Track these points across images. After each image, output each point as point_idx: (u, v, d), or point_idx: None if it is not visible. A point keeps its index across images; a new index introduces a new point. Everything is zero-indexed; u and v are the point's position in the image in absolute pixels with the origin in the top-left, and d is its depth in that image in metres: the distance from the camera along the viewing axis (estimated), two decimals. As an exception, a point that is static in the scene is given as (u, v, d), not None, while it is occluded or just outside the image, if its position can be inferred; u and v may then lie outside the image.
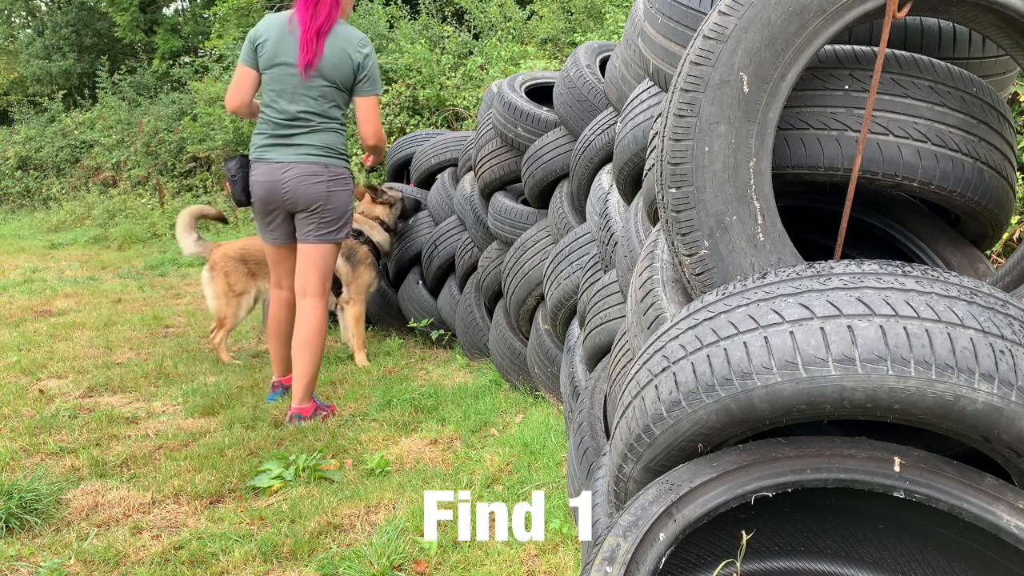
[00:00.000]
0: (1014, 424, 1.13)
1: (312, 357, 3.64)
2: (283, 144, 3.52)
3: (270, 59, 3.50)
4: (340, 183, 3.61)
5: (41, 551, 2.48)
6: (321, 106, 3.53)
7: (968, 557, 1.25)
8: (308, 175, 3.53)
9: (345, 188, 3.64)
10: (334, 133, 3.60)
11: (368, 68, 3.54)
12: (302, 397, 3.63)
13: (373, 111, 3.62)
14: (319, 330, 3.66)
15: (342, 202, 3.63)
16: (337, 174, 3.59)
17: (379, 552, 2.37)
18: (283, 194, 3.54)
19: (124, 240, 9.89)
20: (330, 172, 3.57)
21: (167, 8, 17.35)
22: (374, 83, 3.58)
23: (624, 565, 1.12)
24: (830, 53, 1.59)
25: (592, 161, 3.29)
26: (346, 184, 3.64)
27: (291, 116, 3.51)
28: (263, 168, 3.55)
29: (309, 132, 3.54)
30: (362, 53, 3.51)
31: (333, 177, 3.58)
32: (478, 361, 4.52)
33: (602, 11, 8.85)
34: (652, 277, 1.79)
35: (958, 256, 1.69)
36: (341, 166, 3.62)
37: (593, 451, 2.28)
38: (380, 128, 3.63)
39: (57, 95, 14.89)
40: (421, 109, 9.77)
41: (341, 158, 3.62)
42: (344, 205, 3.65)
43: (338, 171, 3.60)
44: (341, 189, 3.62)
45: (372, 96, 3.60)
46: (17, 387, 4.14)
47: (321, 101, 3.52)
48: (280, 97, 3.51)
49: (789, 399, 1.19)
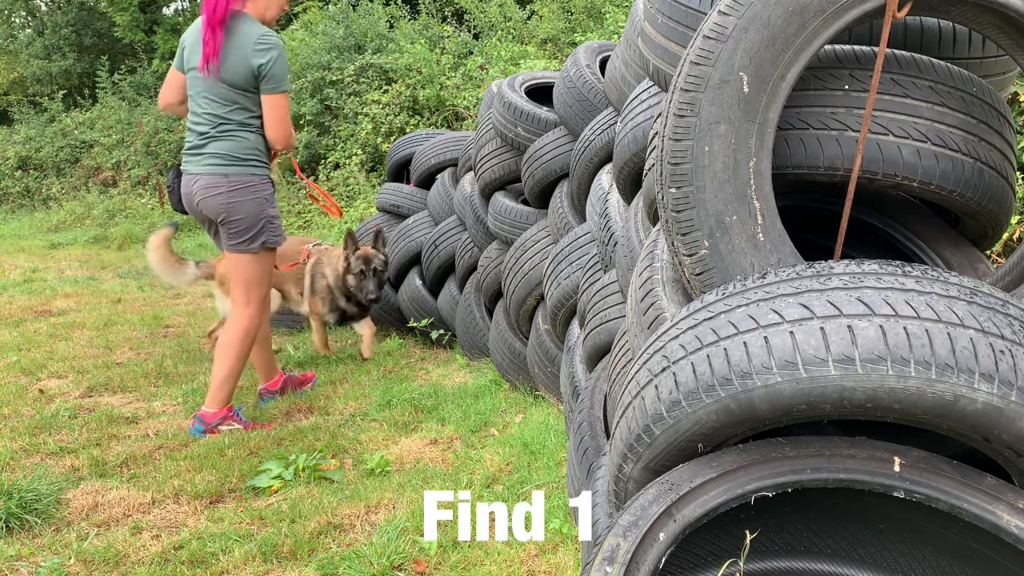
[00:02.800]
0: (1014, 424, 1.13)
1: (225, 363, 3.50)
2: (194, 154, 3.45)
3: (187, 63, 3.45)
4: (244, 192, 3.41)
5: (41, 551, 2.48)
6: (222, 109, 3.38)
7: (968, 557, 1.25)
8: (209, 187, 3.41)
9: (253, 196, 3.42)
10: (236, 139, 3.40)
11: (268, 68, 3.31)
12: (209, 401, 3.52)
13: (276, 111, 3.38)
14: (237, 339, 3.51)
15: (249, 211, 3.42)
16: (240, 183, 3.40)
17: (379, 552, 2.36)
18: (197, 206, 3.47)
19: (124, 240, 9.89)
20: (230, 182, 3.39)
21: (167, 8, 17.35)
22: (276, 80, 3.34)
23: (624, 565, 1.12)
24: (830, 53, 1.59)
25: (592, 161, 3.29)
26: (254, 192, 3.43)
27: (199, 121, 3.43)
28: (183, 180, 3.51)
29: (211, 140, 3.41)
30: (259, 52, 3.29)
31: (234, 187, 3.40)
32: (478, 361, 4.52)
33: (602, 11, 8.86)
34: (652, 277, 1.79)
35: (958, 256, 1.69)
36: (246, 173, 3.42)
37: (593, 451, 2.28)
38: (285, 129, 3.41)
39: (57, 95, 14.88)
40: (421, 109, 9.77)
41: (246, 164, 3.42)
42: (253, 214, 3.42)
43: (241, 179, 3.41)
44: (246, 198, 3.41)
45: (275, 95, 3.36)
46: (17, 387, 4.14)
47: (222, 104, 3.37)
48: (193, 102, 3.44)
49: (789, 399, 1.19)
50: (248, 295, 3.53)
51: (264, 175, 3.48)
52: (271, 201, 3.51)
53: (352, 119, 10.44)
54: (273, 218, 3.52)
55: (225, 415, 3.51)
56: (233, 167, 3.40)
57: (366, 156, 10.00)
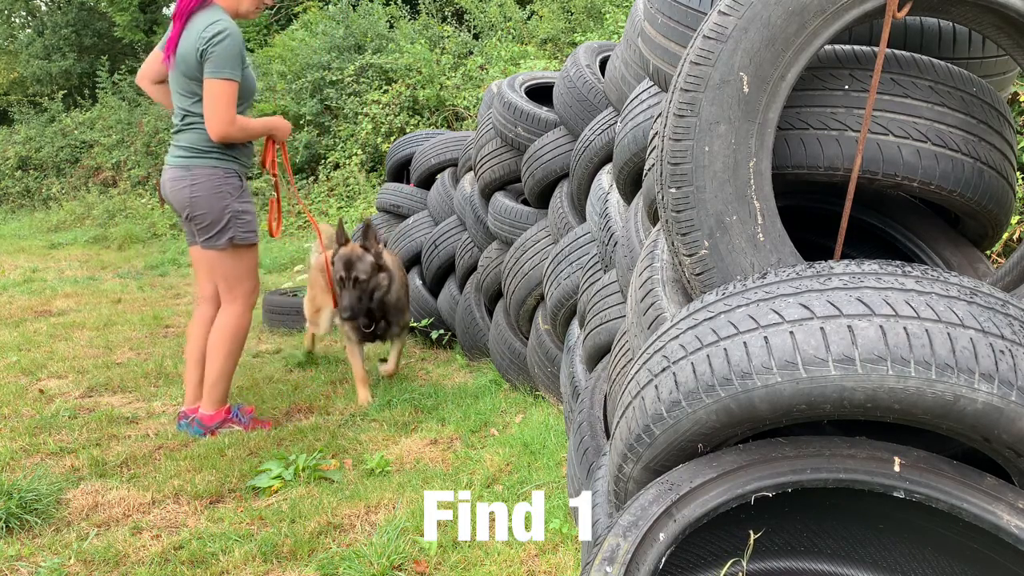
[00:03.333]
0: (1014, 424, 1.13)
1: (215, 364, 3.42)
2: (170, 146, 3.42)
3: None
4: (206, 185, 3.29)
5: (41, 551, 2.48)
6: (185, 102, 3.30)
7: (968, 557, 1.25)
8: (174, 180, 3.33)
9: (215, 191, 3.29)
10: (198, 131, 3.28)
11: (209, 52, 3.13)
12: (206, 402, 3.45)
13: (210, 97, 3.17)
14: (224, 338, 3.42)
15: (212, 205, 3.29)
16: (201, 176, 3.29)
17: (379, 552, 2.36)
18: (168, 199, 3.42)
19: (124, 240, 9.90)
20: (192, 175, 3.29)
21: (167, 8, 17.33)
22: (216, 65, 3.13)
23: (624, 565, 1.12)
24: (830, 53, 1.59)
25: (592, 161, 3.29)
26: (217, 186, 3.29)
27: (174, 113, 3.39)
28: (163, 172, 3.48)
29: (178, 132, 3.36)
30: (204, 37, 3.14)
31: (197, 180, 3.29)
32: (478, 361, 4.52)
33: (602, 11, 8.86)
34: (652, 277, 1.79)
35: (958, 256, 1.69)
36: (208, 166, 3.29)
37: (593, 451, 2.28)
38: (218, 118, 3.17)
39: (57, 95, 14.90)
40: (421, 109, 9.78)
41: (207, 157, 3.29)
42: (216, 208, 3.29)
43: (203, 172, 3.29)
44: (208, 192, 3.29)
45: (212, 80, 3.15)
46: (17, 387, 4.14)
47: (186, 96, 3.29)
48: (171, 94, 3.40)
49: (789, 399, 1.19)
50: (231, 292, 3.43)
51: (229, 168, 3.33)
52: (237, 195, 3.35)
53: (352, 119, 10.45)
54: (241, 213, 3.35)
55: (224, 418, 3.48)
56: (195, 159, 3.30)
57: (366, 156, 10.01)
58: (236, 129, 3.23)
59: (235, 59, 3.17)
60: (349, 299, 3.72)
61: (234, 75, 3.17)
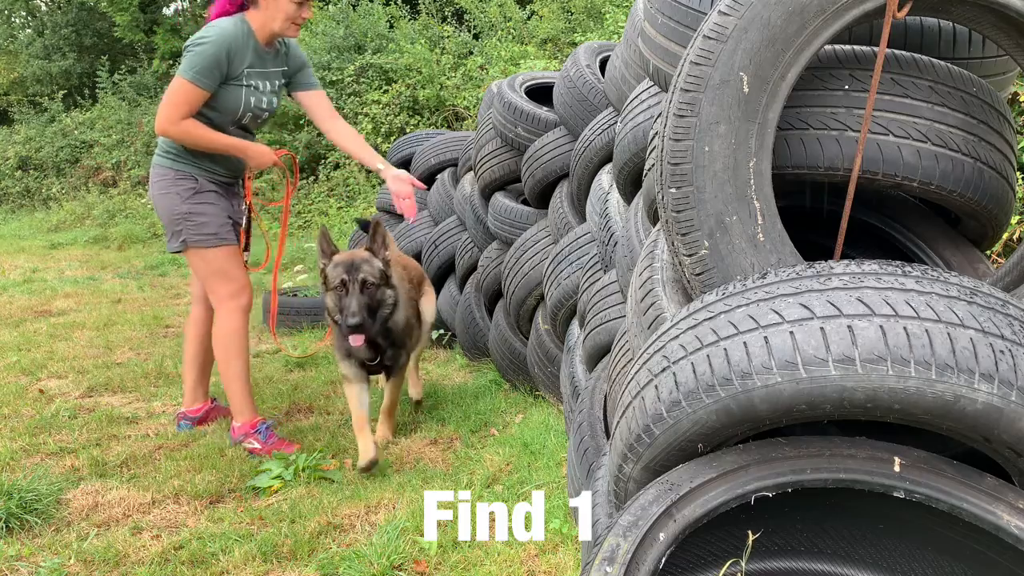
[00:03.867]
0: (1014, 424, 1.13)
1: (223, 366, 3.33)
2: None
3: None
4: (159, 185, 3.25)
5: (41, 551, 2.48)
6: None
7: (968, 557, 1.25)
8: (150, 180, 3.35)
9: (165, 191, 3.22)
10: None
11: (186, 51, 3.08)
12: (233, 412, 3.39)
13: (166, 93, 3.11)
14: (216, 343, 3.34)
15: (164, 206, 3.24)
16: (158, 175, 3.25)
17: (379, 552, 2.36)
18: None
19: (124, 240, 9.89)
20: (154, 174, 3.28)
21: (167, 8, 17.33)
22: (183, 64, 3.06)
23: (624, 565, 1.12)
24: (830, 53, 1.59)
25: (592, 161, 3.29)
26: (167, 187, 3.22)
27: None
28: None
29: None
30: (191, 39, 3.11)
31: (153, 179, 3.28)
32: (478, 361, 4.52)
33: (602, 11, 8.85)
34: (652, 277, 1.79)
35: (958, 256, 1.69)
36: (163, 166, 3.24)
37: (593, 451, 2.28)
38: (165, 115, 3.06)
39: (57, 95, 14.89)
40: (421, 109, 9.78)
41: (166, 157, 3.23)
42: (167, 209, 3.23)
43: (158, 172, 3.25)
44: (159, 192, 3.24)
45: (176, 77, 3.09)
46: (17, 387, 4.14)
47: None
48: None
49: (789, 399, 1.19)
50: (212, 296, 3.34)
51: (183, 171, 3.21)
52: (187, 197, 3.21)
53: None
54: (192, 215, 3.21)
55: (247, 432, 3.31)
56: (157, 158, 3.28)
57: (366, 156, 9.99)
58: (178, 131, 3.07)
59: (205, 65, 3.02)
60: (358, 303, 2.95)
61: (195, 77, 3.02)
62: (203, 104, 3.11)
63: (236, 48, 3.09)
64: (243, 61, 3.14)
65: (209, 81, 3.06)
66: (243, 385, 3.35)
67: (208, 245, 3.25)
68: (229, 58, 3.08)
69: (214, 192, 3.28)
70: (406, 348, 3.38)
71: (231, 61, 3.09)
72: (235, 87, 3.16)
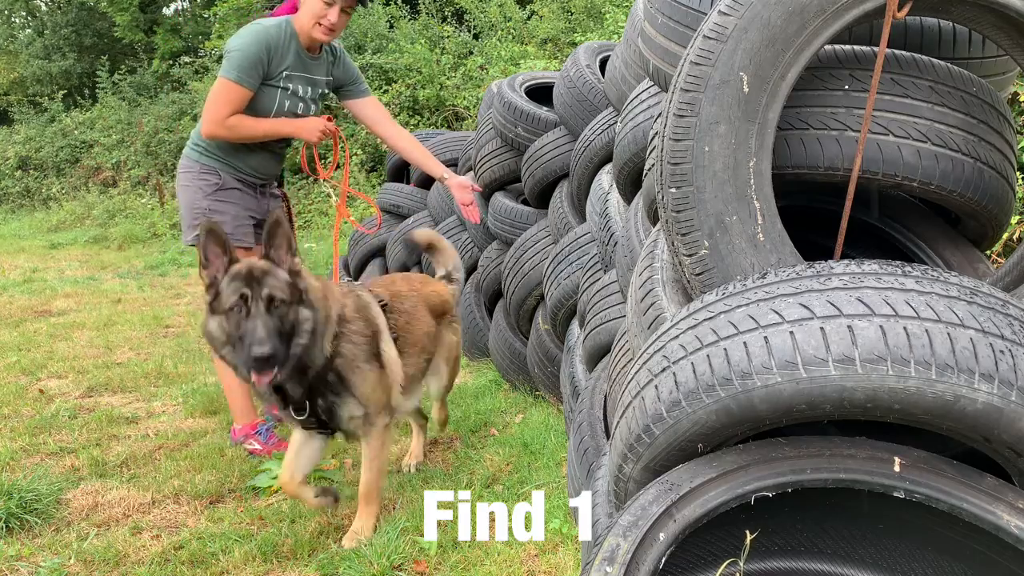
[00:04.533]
0: (1014, 424, 1.13)
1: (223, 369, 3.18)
2: None
3: None
4: (184, 177, 3.27)
5: (41, 551, 2.48)
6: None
7: (968, 557, 1.25)
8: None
9: (189, 184, 3.23)
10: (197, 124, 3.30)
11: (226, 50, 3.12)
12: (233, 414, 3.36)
13: (209, 95, 3.14)
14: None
15: (185, 198, 3.26)
16: (184, 167, 3.28)
17: (379, 552, 2.36)
18: None
19: (124, 240, 9.90)
20: (181, 166, 3.31)
21: (167, 8, 17.34)
22: (224, 65, 3.09)
23: (624, 565, 1.12)
24: (830, 53, 1.59)
25: (592, 161, 3.29)
26: (191, 180, 3.23)
27: None
28: None
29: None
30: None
31: (180, 171, 3.30)
32: (478, 361, 4.52)
33: (602, 11, 8.85)
34: (652, 277, 1.79)
35: (958, 256, 1.69)
36: (191, 159, 3.25)
37: (593, 451, 2.28)
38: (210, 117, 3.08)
39: (57, 95, 14.90)
40: (421, 109, 9.78)
41: (194, 150, 3.25)
42: (186, 203, 3.25)
43: (185, 163, 3.28)
44: (184, 185, 3.26)
45: (218, 78, 3.11)
46: (17, 387, 4.14)
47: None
48: None
49: (789, 399, 1.19)
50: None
51: (208, 165, 3.22)
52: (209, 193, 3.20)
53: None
54: (212, 211, 3.17)
55: (248, 433, 3.30)
56: (188, 150, 3.29)
57: (366, 156, 10.01)
58: (225, 130, 3.10)
59: (245, 65, 3.03)
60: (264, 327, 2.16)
61: (237, 77, 3.03)
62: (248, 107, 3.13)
63: (276, 48, 3.11)
64: (282, 62, 3.14)
65: (251, 80, 3.08)
66: (240, 391, 3.33)
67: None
68: (269, 57, 3.09)
69: (237, 190, 3.28)
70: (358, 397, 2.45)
71: (270, 60, 3.11)
72: (270, 88, 3.16)
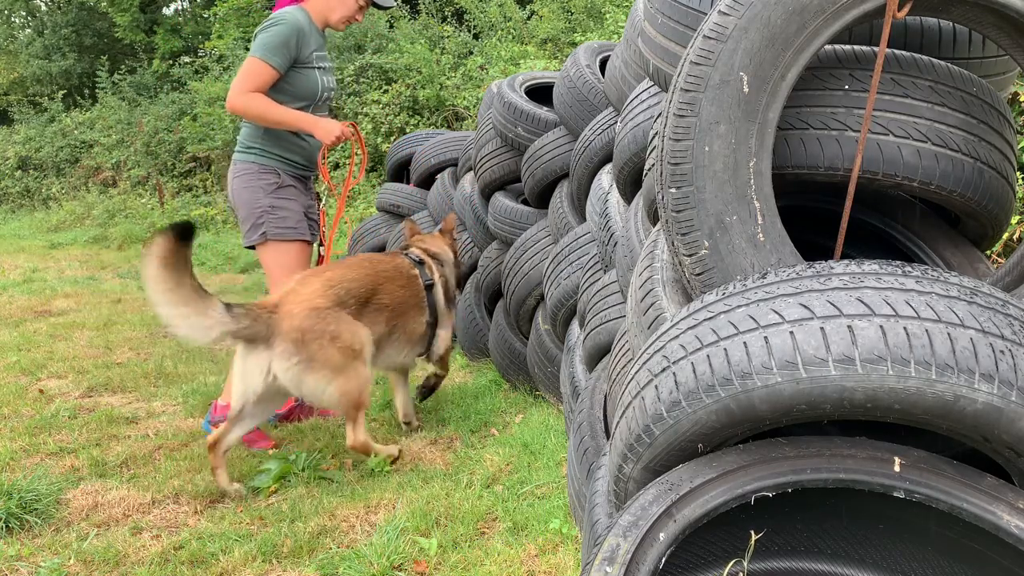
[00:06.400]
0: (1014, 424, 1.13)
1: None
2: None
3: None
4: (243, 179, 3.38)
5: (41, 551, 2.48)
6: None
7: (968, 557, 1.25)
8: (229, 175, 3.50)
9: (248, 185, 3.36)
10: (245, 126, 3.44)
11: (257, 35, 3.26)
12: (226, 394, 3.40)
13: (239, 72, 3.27)
14: None
15: (244, 200, 3.37)
16: (241, 170, 3.40)
17: (379, 552, 2.36)
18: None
19: (124, 240, 9.89)
20: (236, 169, 3.43)
21: (167, 8, 17.34)
22: (254, 46, 3.24)
23: (624, 565, 1.12)
24: (830, 53, 1.59)
25: (592, 161, 3.29)
26: (250, 181, 3.37)
27: None
28: None
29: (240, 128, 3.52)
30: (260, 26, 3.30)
31: (236, 174, 3.42)
32: (478, 361, 4.52)
33: (602, 11, 8.85)
34: (652, 277, 1.79)
35: (958, 256, 1.69)
36: (248, 160, 3.39)
37: (593, 451, 2.28)
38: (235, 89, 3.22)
39: (57, 95, 14.89)
40: (421, 109, 9.78)
41: (249, 152, 3.39)
42: (247, 203, 3.36)
43: (242, 167, 3.40)
44: (244, 186, 3.37)
45: (248, 58, 3.26)
46: (17, 387, 4.14)
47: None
48: None
49: (789, 399, 1.19)
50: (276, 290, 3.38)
51: (266, 165, 3.38)
52: (271, 191, 3.36)
53: (352, 119, 10.45)
54: (276, 208, 3.36)
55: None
56: (239, 154, 3.42)
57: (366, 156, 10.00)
58: (243, 102, 3.22)
59: (276, 45, 3.19)
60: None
61: (265, 55, 3.18)
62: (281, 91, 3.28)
63: (304, 32, 3.29)
64: (310, 45, 3.32)
65: (279, 60, 3.22)
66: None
67: (287, 238, 3.40)
68: (299, 42, 3.25)
69: (294, 187, 3.45)
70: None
71: (300, 45, 3.26)
72: (309, 70, 3.35)
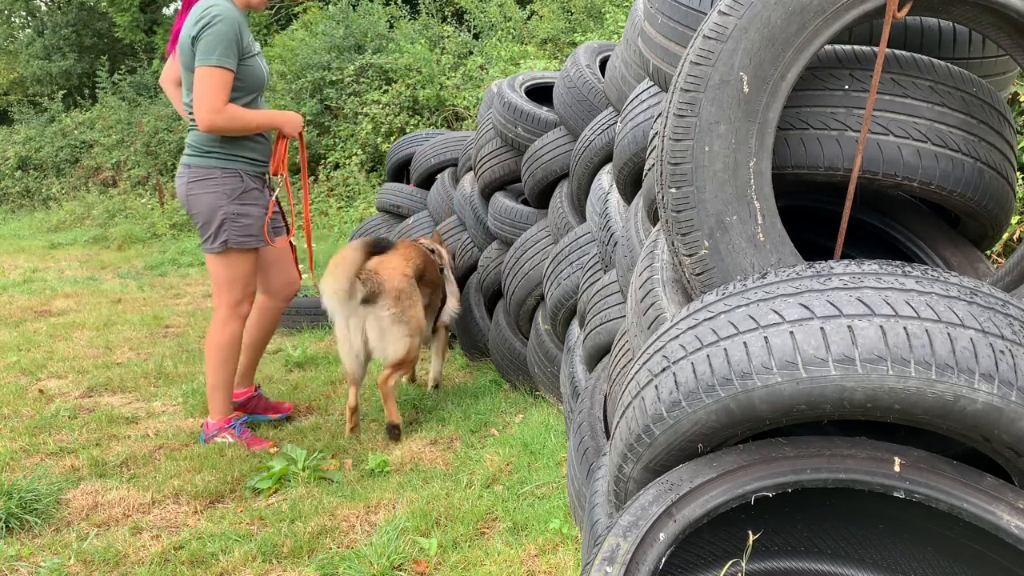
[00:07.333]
0: (1014, 424, 1.13)
1: (208, 373, 3.33)
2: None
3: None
4: (202, 184, 3.16)
5: (41, 551, 2.48)
6: (189, 97, 3.14)
7: (968, 557, 1.25)
8: (178, 178, 3.27)
9: (210, 190, 3.15)
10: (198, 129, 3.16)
11: (202, 35, 2.97)
12: (211, 410, 3.39)
13: (200, 85, 2.98)
14: (209, 348, 3.31)
15: (205, 205, 3.15)
16: (199, 175, 3.17)
17: (379, 552, 2.36)
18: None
19: (124, 240, 9.89)
20: (192, 173, 3.19)
21: (167, 8, 17.34)
22: (206, 50, 2.96)
23: (624, 565, 1.12)
24: (830, 53, 1.59)
25: (592, 161, 3.29)
26: (212, 185, 3.16)
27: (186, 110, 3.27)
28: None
29: (189, 130, 3.25)
30: (194, 24, 3.00)
31: (194, 178, 3.18)
32: (478, 361, 4.52)
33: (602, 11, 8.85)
34: (652, 277, 1.79)
35: (958, 256, 1.69)
36: (208, 165, 3.17)
37: (593, 451, 2.28)
38: (203, 104, 2.98)
39: (57, 95, 14.89)
40: (421, 109, 9.78)
41: (208, 156, 3.16)
42: (208, 208, 3.15)
43: (202, 171, 3.17)
44: (203, 191, 3.16)
45: (202, 66, 2.97)
46: (17, 387, 4.14)
47: (189, 92, 3.14)
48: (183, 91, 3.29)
49: (789, 399, 1.19)
50: (217, 299, 3.31)
51: (230, 168, 3.18)
52: (234, 197, 3.17)
53: (352, 119, 10.45)
54: (238, 216, 3.18)
55: (221, 427, 3.36)
56: (196, 157, 3.19)
57: (366, 156, 10.02)
58: (225, 119, 3.02)
59: (228, 44, 2.97)
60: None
61: (225, 61, 2.96)
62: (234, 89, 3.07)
63: (241, 23, 3.10)
64: (247, 34, 3.15)
65: (234, 62, 3.04)
66: (227, 390, 3.37)
67: (249, 247, 3.24)
68: (240, 35, 3.07)
69: (256, 190, 3.28)
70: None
71: (241, 37, 3.08)
72: (252, 59, 3.17)
